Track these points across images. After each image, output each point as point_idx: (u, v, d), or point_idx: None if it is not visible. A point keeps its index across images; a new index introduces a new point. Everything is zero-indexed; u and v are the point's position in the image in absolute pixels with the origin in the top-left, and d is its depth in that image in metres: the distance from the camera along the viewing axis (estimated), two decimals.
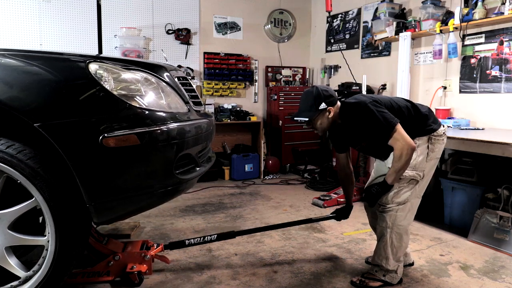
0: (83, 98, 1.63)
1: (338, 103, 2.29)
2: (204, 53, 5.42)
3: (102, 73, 1.68)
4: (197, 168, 1.99)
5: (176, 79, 2.02)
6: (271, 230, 2.82)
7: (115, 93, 1.67)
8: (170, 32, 5.18)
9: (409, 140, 2.10)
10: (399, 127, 2.11)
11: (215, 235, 2.51)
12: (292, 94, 5.70)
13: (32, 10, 4.48)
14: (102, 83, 1.66)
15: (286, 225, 2.79)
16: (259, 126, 5.42)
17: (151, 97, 1.78)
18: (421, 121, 2.28)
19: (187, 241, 2.48)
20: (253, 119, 5.34)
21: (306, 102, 2.27)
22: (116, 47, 4.85)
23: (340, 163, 2.60)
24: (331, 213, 2.77)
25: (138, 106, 1.71)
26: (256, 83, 5.84)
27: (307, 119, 2.24)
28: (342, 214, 2.72)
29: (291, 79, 6.00)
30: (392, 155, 2.18)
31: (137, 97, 1.73)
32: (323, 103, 2.21)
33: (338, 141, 2.52)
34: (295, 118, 2.30)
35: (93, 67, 1.68)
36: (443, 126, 2.36)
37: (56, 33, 4.60)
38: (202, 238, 2.49)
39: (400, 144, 2.09)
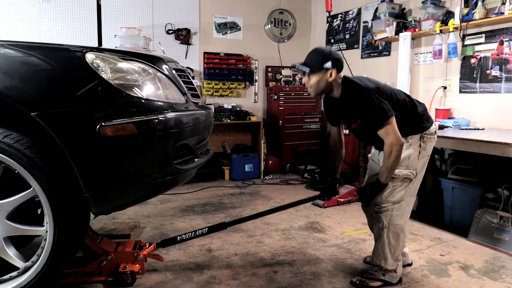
0: (80, 88, 1.62)
1: (342, 74, 2.22)
2: (204, 53, 5.41)
3: (99, 62, 1.67)
4: (196, 159, 1.98)
5: (173, 71, 2.01)
6: (263, 216, 2.62)
7: (112, 82, 1.66)
8: (170, 32, 5.18)
9: (399, 136, 2.09)
10: (393, 120, 2.09)
11: (206, 228, 2.44)
12: (292, 94, 5.70)
13: (32, 10, 4.48)
14: (99, 72, 1.65)
15: (276, 210, 2.57)
16: (259, 126, 5.41)
17: (148, 87, 1.77)
18: (416, 118, 2.27)
19: (178, 237, 2.43)
20: (253, 119, 5.32)
21: (313, 56, 2.19)
22: (116, 47, 4.83)
23: (332, 135, 2.54)
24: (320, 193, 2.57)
25: (135, 95, 1.70)
26: (256, 83, 5.83)
27: (308, 69, 2.15)
28: (329, 191, 2.55)
29: (291, 79, 6.00)
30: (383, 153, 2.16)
31: (135, 87, 1.72)
32: (329, 62, 2.12)
33: (332, 114, 2.45)
34: (296, 66, 2.20)
35: (90, 56, 1.68)
36: (435, 125, 2.35)
37: (56, 33, 4.59)
38: (193, 233, 2.42)
39: (390, 139, 2.08)
